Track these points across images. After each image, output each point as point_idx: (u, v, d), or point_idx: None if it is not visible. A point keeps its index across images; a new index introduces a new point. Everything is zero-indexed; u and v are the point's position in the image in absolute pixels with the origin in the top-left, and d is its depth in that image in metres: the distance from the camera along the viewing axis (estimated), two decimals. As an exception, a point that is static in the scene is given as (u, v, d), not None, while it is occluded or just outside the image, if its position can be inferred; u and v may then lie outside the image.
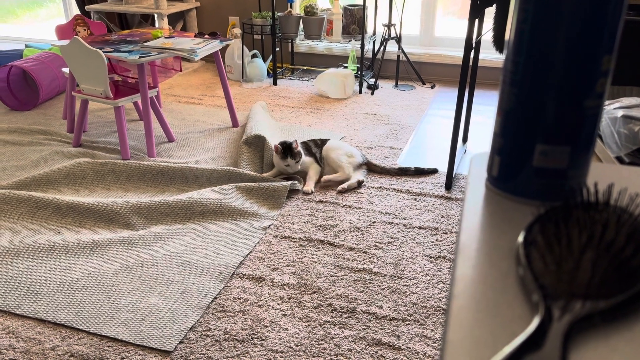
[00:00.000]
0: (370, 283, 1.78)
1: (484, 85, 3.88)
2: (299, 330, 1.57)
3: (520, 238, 0.45)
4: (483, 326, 0.38)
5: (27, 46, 4.01)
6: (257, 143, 2.62)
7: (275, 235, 2.05)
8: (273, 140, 2.60)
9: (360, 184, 2.41)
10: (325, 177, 2.42)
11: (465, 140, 2.83)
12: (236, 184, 2.31)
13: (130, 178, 2.42)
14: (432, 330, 1.58)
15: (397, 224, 2.12)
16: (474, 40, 2.22)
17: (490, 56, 3.70)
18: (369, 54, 3.99)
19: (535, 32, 0.49)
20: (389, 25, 3.66)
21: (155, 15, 4.25)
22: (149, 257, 1.89)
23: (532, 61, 0.49)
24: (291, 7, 3.80)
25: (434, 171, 2.54)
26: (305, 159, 2.46)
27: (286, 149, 2.36)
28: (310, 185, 2.38)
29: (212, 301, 1.69)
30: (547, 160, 0.52)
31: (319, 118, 3.24)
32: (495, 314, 0.39)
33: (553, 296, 0.39)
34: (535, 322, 0.36)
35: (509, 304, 0.40)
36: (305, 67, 4.23)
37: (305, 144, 2.54)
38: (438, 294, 1.73)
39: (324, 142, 2.58)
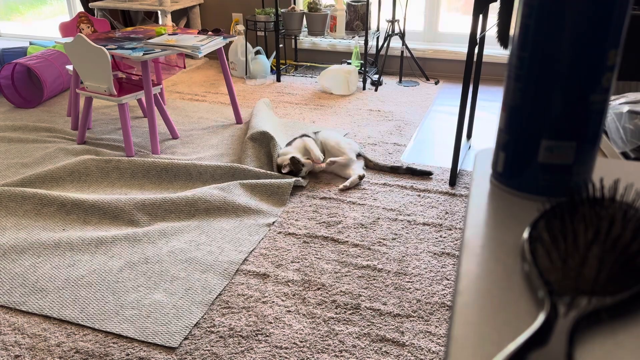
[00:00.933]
0: (374, 279, 1.78)
1: (488, 81, 3.87)
2: (303, 327, 1.57)
3: (526, 234, 0.45)
4: (488, 322, 0.38)
5: (31, 44, 4.01)
6: (262, 139, 2.62)
7: (279, 232, 2.05)
8: (278, 139, 2.61)
9: (361, 178, 2.41)
10: (331, 159, 2.42)
11: (469, 136, 2.82)
12: (240, 181, 2.31)
13: (135, 175, 2.43)
14: (436, 326, 1.58)
15: (401, 221, 2.12)
16: (478, 36, 2.21)
17: (494, 52, 3.69)
18: (373, 50, 3.97)
19: (540, 27, 0.48)
20: (392, 21, 3.65)
21: (159, 12, 4.25)
22: (154, 253, 1.90)
23: (537, 56, 0.49)
24: (294, 4, 3.79)
25: (427, 173, 2.45)
26: (299, 142, 2.50)
27: (293, 169, 2.38)
28: (317, 153, 2.42)
29: (216, 298, 1.69)
30: (553, 155, 0.51)
31: (323, 114, 3.24)
32: (500, 310, 0.39)
33: (559, 292, 0.38)
34: (540, 319, 0.36)
35: (514, 300, 0.40)
36: (308, 64, 4.22)
37: (299, 136, 2.58)
38: (442, 291, 1.73)
39: (316, 132, 2.63)
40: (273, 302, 1.68)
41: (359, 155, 2.54)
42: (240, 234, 2.01)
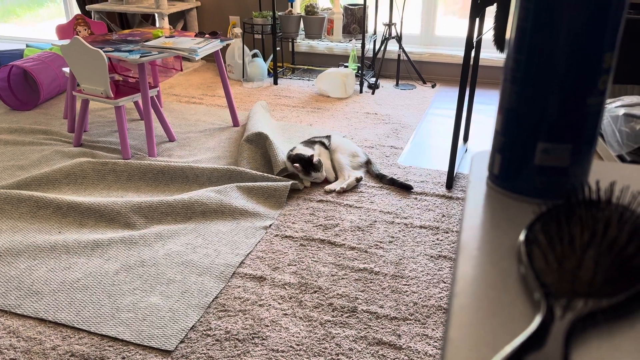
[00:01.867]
0: (371, 282, 1.78)
1: (484, 84, 3.88)
2: (300, 330, 1.57)
3: (522, 236, 0.45)
4: (484, 325, 0.38)
5: (27, 46, 4.01)
6: (259, 141, 2.62)
7: (276, 235, 2.04)
8: (275, 140, 2.60)
9: (358, 180, 2.41)
10: (326, 188, 2.39)
11: (466, 139, 2.82)
12: (237, 184, 2.31)
13: (131, 177, 2.42)
14: (433, 329, 1.58)
15: (398, 224, 2.12)
16: (474, 39, 2.21)
17: (491, 55, 3.70)
18: (370, 54, 3.98)
19: (536, 30, 0.48)
20: (389, 25, 3.66)
21: (156, 15, 4.25)
22: (150, 256, 1.89)
23: (533, 59, 0.49)
24: (292, 7, 3.80)
25: (407, 187, 2.38)
26: (318, 150, 2.49)
27: (307, 165, 2.35)
28: (327, 176, 2.43)
29: (212, 301, 1.69)
30: (549, 158, 0.51)
31: (320, 117, 3.24)
32: (496, 312, 0.39)
33: (555, 295, 0.38)
34: (536, 321, 0.36)
35: (510, 302, 0.40)
36: (305, 67, 4.23)
37: (310, 141, 2.56)
38: (439, 293, 1.73)
39: (328, 137, 2.63)
40: (269, 305, 1.67)
41: (364, 162, 2.57)
42: (236, 237, 2.01)
